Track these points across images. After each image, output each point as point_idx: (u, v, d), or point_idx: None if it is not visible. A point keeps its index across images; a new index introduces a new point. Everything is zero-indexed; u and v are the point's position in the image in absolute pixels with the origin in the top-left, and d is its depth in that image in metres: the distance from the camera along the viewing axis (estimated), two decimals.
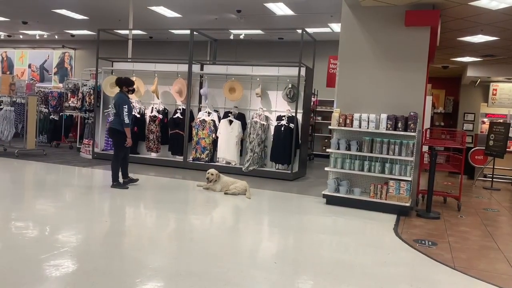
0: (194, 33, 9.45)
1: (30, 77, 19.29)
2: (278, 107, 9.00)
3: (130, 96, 7.08)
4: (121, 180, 6.82)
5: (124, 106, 6.57)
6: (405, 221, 5.74)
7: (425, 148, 7.20)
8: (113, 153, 6.93)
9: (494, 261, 4.29)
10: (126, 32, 12.19)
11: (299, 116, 8.71)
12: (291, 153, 8.48)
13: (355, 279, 3.51)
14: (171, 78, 9.73)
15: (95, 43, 10.64)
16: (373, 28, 6.59)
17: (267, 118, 8.94)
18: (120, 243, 4.16)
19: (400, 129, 6.02)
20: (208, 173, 6.91)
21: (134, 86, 7.01)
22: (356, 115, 6.25)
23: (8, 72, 19.59)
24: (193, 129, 9.29)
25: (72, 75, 18.29)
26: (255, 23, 12.75)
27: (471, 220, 6.15)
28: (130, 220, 5.12)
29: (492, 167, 9.52)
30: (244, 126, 9.03)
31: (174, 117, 9.59)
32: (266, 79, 9.05)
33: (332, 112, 6.74)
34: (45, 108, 12.10)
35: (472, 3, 6.20)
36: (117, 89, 10.80)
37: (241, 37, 13.57)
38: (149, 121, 9.63)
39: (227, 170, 8.57)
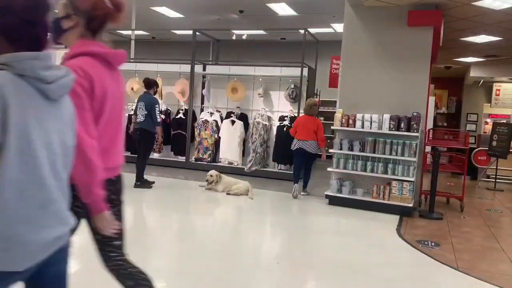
0: (197, 33, 9.46)
1: None
2: (281, 108, 8.99)
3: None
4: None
5: (156, 106, 6.65)
6: (408, 221, 5.73)
7: (428, 149, 7.18)
8: (142, 153, 6.80)
9: (497, 262, 4.28)
10: (129, 32, 12.20)
11: None
12: None
13: (358, 280, 3.50)
14: (173, 78, 9.74)
15: None
16: (375, 28, 6.57)
17: (269, 119, 8.93)
18: None
19: (403, 129, 6.00)
20: (208, 175, 6.90)
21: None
22: (359, 116, 6.24)
23: None
24: (195, 129, 9.29)
25: None
26: (257, 23, 12.74)
27: (474, 221, 6.13)
28: (132, 219, 5.12)
29: (495, 167, 9.49)
30: (246, 126, 9.02)
31: (176, 117, 9.60)
32: (268, 79, 9.05)
33: (334, 112, 6.73)
34: None
35: (475, 3, 6.18)
36: None
37: (244, 37, 13.58)
38: None
39: (230, 170, 8.56)
